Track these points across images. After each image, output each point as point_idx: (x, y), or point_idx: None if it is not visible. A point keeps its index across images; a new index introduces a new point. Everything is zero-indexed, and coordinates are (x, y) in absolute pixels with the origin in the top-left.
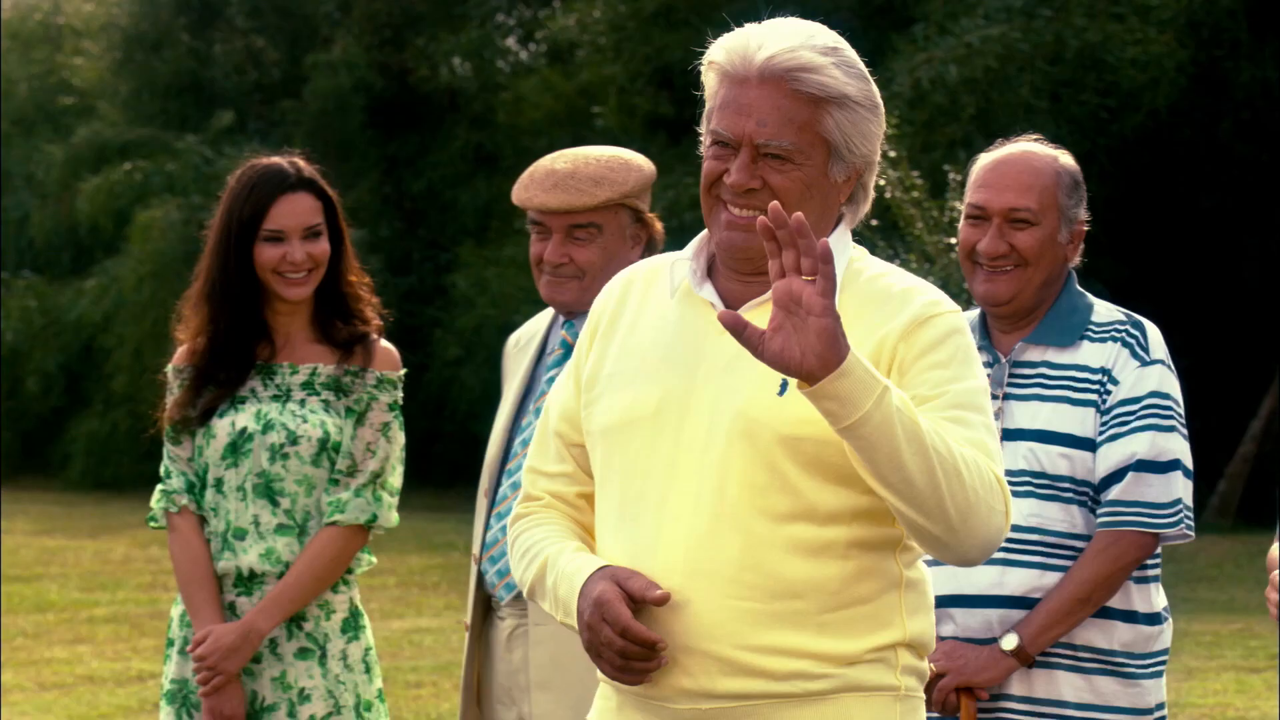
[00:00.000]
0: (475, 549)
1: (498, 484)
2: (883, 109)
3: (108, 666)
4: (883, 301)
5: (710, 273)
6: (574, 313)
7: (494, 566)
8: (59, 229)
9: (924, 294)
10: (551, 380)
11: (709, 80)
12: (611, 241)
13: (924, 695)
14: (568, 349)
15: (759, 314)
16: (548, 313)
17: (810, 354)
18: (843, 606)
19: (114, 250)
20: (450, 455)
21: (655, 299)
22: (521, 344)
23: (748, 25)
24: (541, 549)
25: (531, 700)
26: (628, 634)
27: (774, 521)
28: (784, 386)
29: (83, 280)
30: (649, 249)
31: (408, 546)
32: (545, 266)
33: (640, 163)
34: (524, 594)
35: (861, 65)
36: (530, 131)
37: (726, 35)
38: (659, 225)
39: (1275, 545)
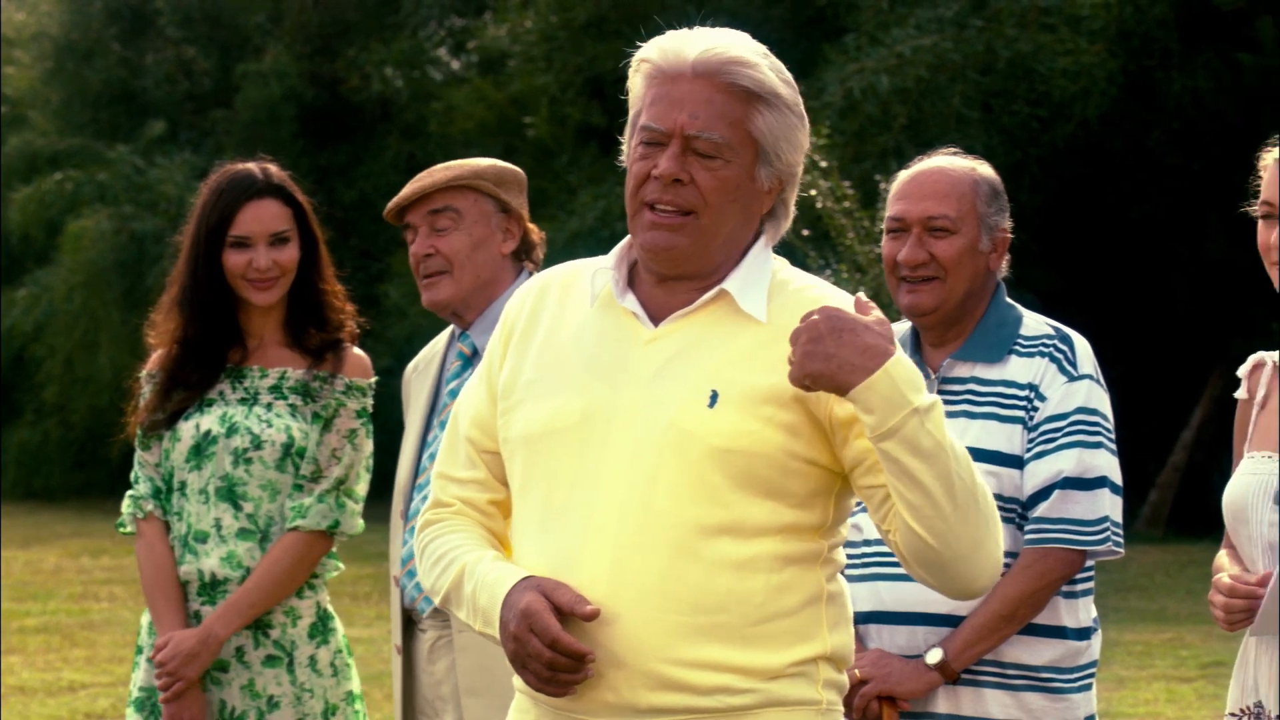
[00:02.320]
0: (394, 569)
1: (409, 501)
2: (807, 122)
3: (38, 677)
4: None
5: (632, 282)
6: (468, 322)
7: (413, 581)
8: None
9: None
10: (453, 393)
11: (635, 83)
12: (475, 229)
13: (842, 708)
14: (465, 360)
15: (682, 325)
16: (443, 335)
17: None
18: (766, 620)
19: (45, 260)
20: (382, 465)
21: (574, 306)
22: (421, 368)
23: (681, 30)
24: (457, 556)
25: (462, 706)
26: (557, 646)
27: (701, 535)
28: (714, 398)
29: (14, 290)
30: (525, 250)
31: (339, 557)
32: (420, 267)
33: (501, 162)
34: (435, 601)
35: (791, 78)
36: (462, 141)
37: (659, 37)
38: (535, 229)
39: (1222, 552)
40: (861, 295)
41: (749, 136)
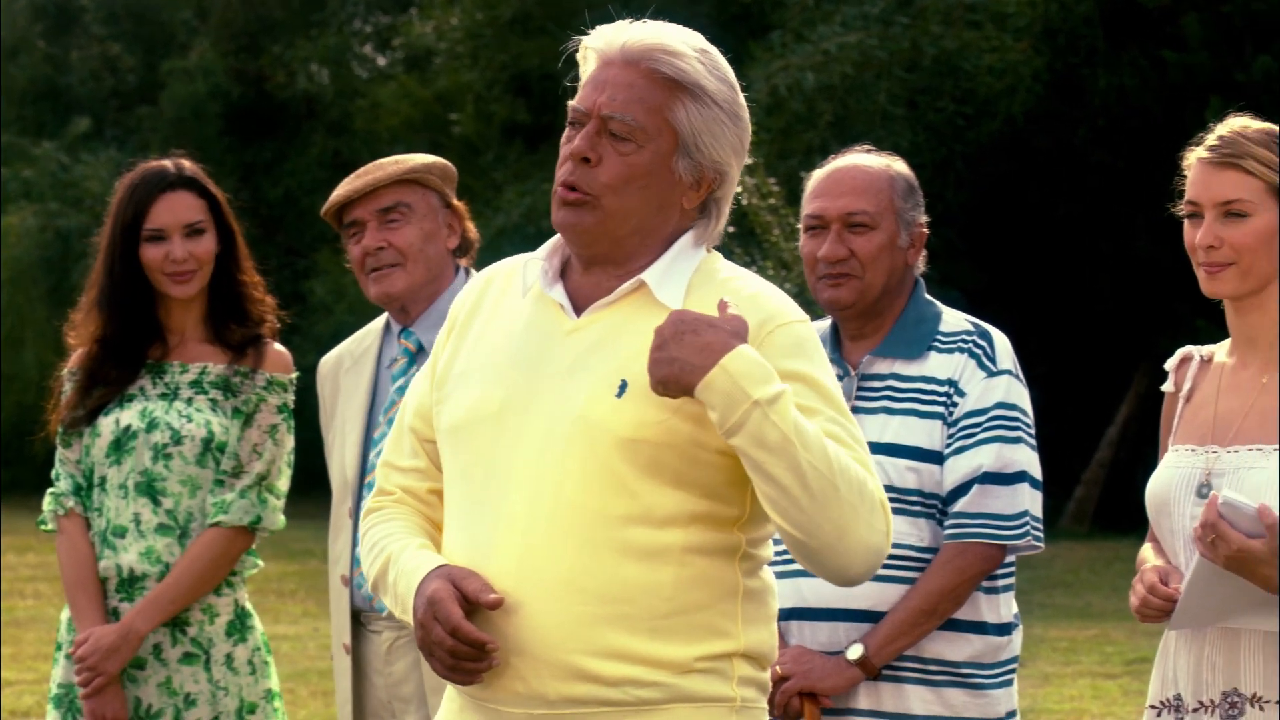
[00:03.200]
0: (344, 570)
1: (359, 499)
2: (745, 124)
3: None
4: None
5: (566, 273)
6: (411, 316)
7: None
8: None
9: (771, 300)
10: (401, 390)
11: (583, 71)
12: (426, 222)
13: (765, 706)
14: (411, 356)
15: (602, 316)
16: (370, 329)
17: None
18: (675, 613)
19: None
20: (307, 462)
21: (510, 297)
22: (347, 364)
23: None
24: (387, 545)
25: (429, 705)
26: (458, 634)
27: (609, 524)
28: (623, 388)
29: None
30: (463, 248)
31: (264, 554)
32: (368, 261)
33: (439, 158)
34: (369, 588)
35: (732, 76)
36: (387, 138)
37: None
38: (472, 226)
39: (1146, 545)
40: (725, 298)
41: (667, 124)
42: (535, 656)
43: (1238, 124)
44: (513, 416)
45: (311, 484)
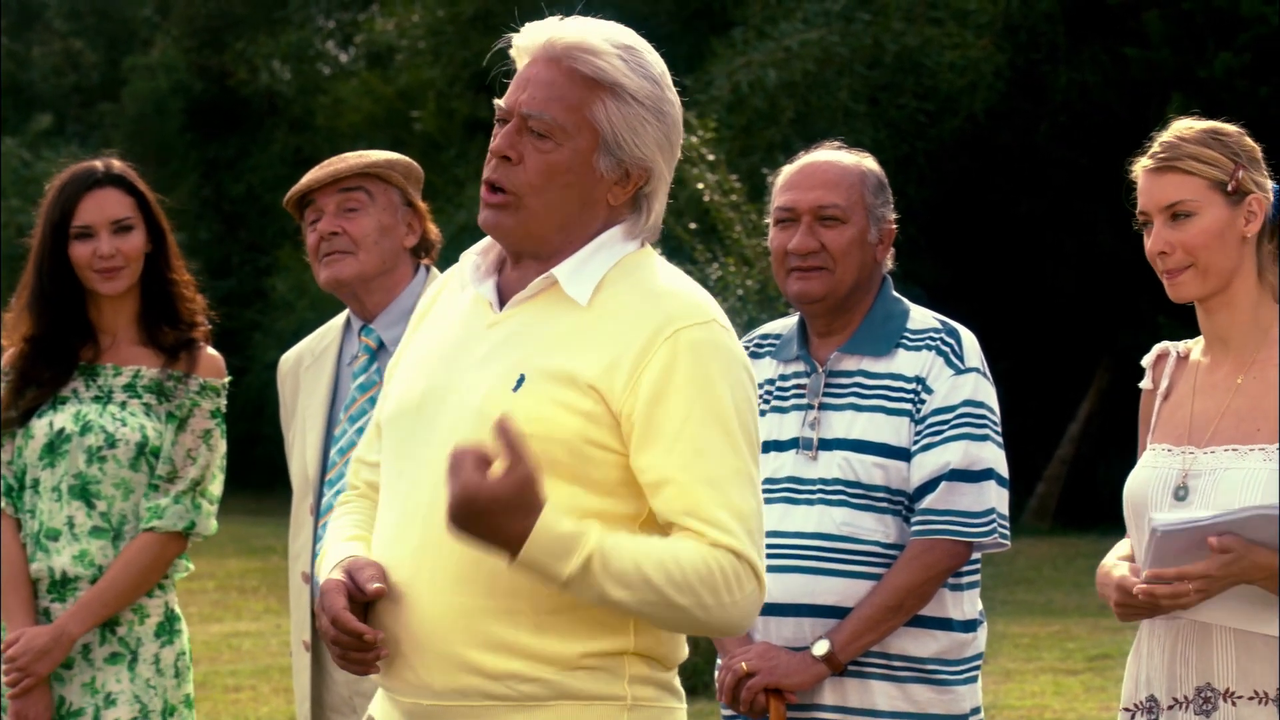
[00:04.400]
0: (304, 567)
1: (320, 497)
2: (672, 120)
3: None
4: (634, 305)
5: (504, 266)
6: (370, 313)
7: None
8: None
9: (675, 300)
10: (361, 387)
11: (517, 69)
12: (383, 214)
13: (671, 706)
14: (371, 353)
15: (519, 310)
16: (331, 326)
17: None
18: (562, 609)
19: None
20: (269, 458)
21: (457, 292)
22: (308, 361)
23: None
24: (330, 540)
25: None
26: (337, 623)
27: None
28: (520, 382)
29: None
30: (424, 247)
31: (226, 550)
32: (321, 246)
33: (405, 157)
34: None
35: (656, 71)
36: (349, 134)
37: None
38: (433, 227)
39: (1112, 552)
40: (505, 420)
41: (586, 122)
42: (423, 647)
43: (1180, 127)
44: (430, 409)
45: (272, 481)
